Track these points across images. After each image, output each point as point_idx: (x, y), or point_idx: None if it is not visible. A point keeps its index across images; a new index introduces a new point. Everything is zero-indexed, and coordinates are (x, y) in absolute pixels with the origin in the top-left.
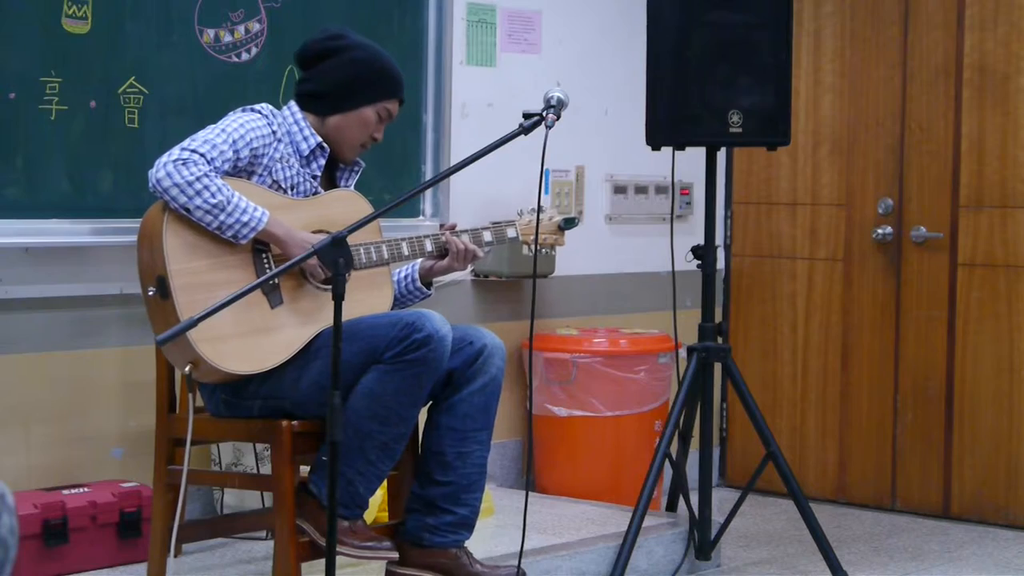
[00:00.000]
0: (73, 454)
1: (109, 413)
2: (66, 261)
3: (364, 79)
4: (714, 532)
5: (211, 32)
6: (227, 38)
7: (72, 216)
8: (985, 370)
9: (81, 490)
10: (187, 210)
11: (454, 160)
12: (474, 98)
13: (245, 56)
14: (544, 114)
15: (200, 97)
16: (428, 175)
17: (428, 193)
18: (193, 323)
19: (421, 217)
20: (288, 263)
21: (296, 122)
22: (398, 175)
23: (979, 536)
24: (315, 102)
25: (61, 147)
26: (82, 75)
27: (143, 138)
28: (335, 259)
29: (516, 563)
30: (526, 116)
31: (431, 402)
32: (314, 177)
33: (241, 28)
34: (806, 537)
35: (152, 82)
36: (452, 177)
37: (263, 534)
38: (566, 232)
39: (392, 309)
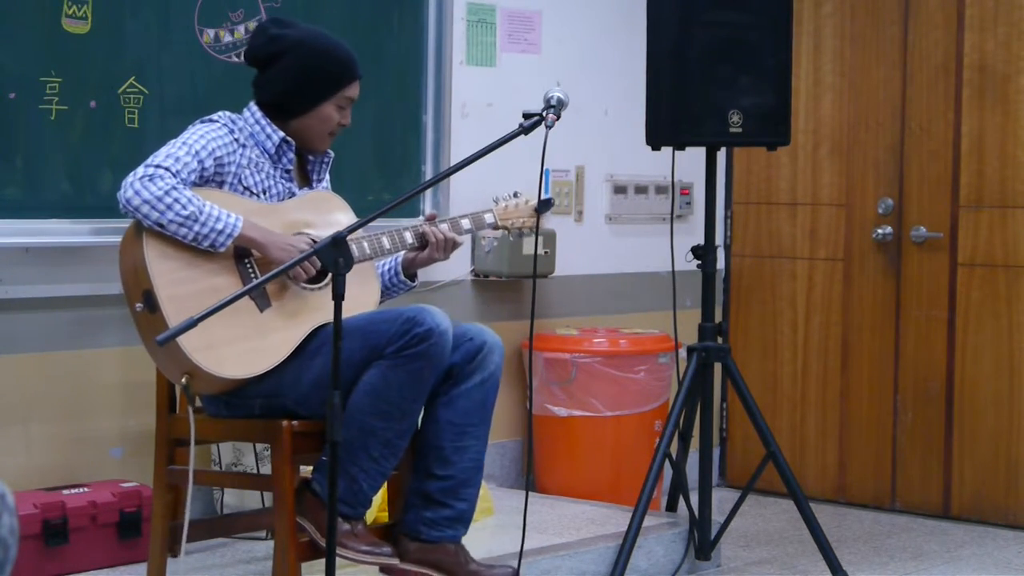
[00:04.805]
0: (73, 454)
1: (109, 413)
2: (66, 261)
3: (313, 79)
4: (714, 532)
5: (211, 32)
6: (227, 38)
7: (72, 216)
8: (985, 370)
9: (81, 490)
10: (160, 225)
11: (454, 160)
12: (474, 98)
13: None
14: (544, 114)
15: (200, 97)
16: (428, 175)
17: (428, 193)
18: (194, 322)
19: (420, 217)
20: (286, 264)
21: (257, 121)
22: (398, 175)
23: (979, 536)
24: (272, 109)
25: (61, 147)
26: (82, 75)
27: (143, 138)
28: (335, 259)
29: (513, 564)
30: (526, 116)
31: (430, 397)
32: (287, 171)
33: (241, 28)
34: (806, 537)
35: (152, 82)
36: (452, 177)
37: (263, 534)
38: (544, 215)
39: (380, 303)
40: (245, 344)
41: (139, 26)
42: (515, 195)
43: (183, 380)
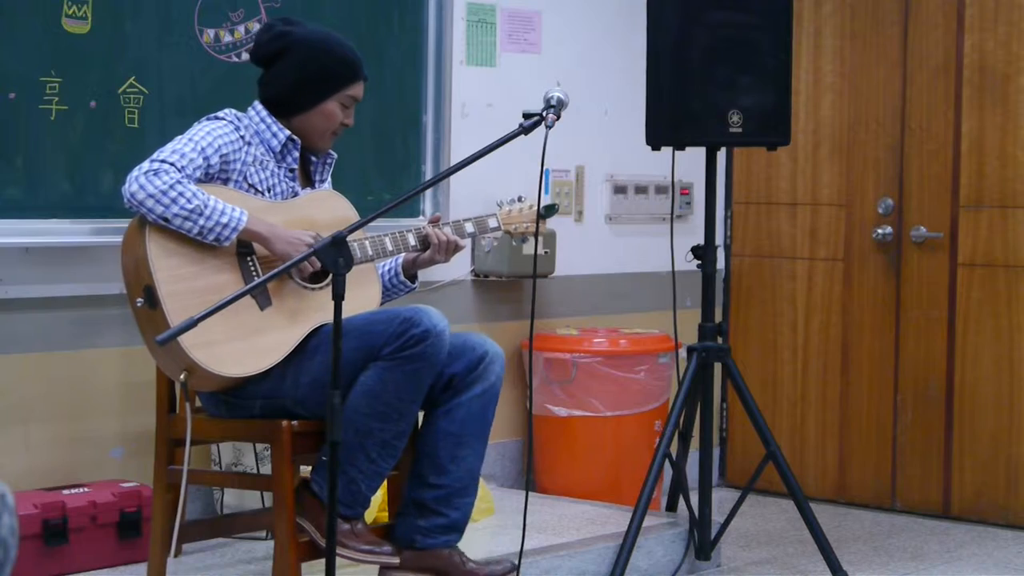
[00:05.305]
0: (73, 454)
1: (109, 413)
2: (66, 261)
3: (316, 76)
4: (714, 532)
5: (211, 32)
6: (227, 38)
7: (72, 216)
8: (985, 370)
9: (81, 490)
10: (165, 219)
11: (454, 160)
12: (474, 98)
13: (245, 56)
14: (544, 114)
15: (200, 97)
16: (428, 175)
17: (428, 193)
18: (194, 322)
19: (421, 217)
20: (287, 263)
21: (263, 120)
22: (398, 175)
23: (979, 536)
24: (276, 106)
25: (61, 147)
26: (82, 75)
27: (143, 138)
28: (335, 259)
29: (513, 560)
30: (526, 116)
31: (429, 406)
32: (291, 170)
33: (241, 28)
34: (806, 537)
35: (152, 82)
36: (452, 177)
37: (263, 534)
38: (548, 219)
39: (380, 304)
40: (244, 342)
41: (139, 26)
42: (519, 199)
43: (181, 377)
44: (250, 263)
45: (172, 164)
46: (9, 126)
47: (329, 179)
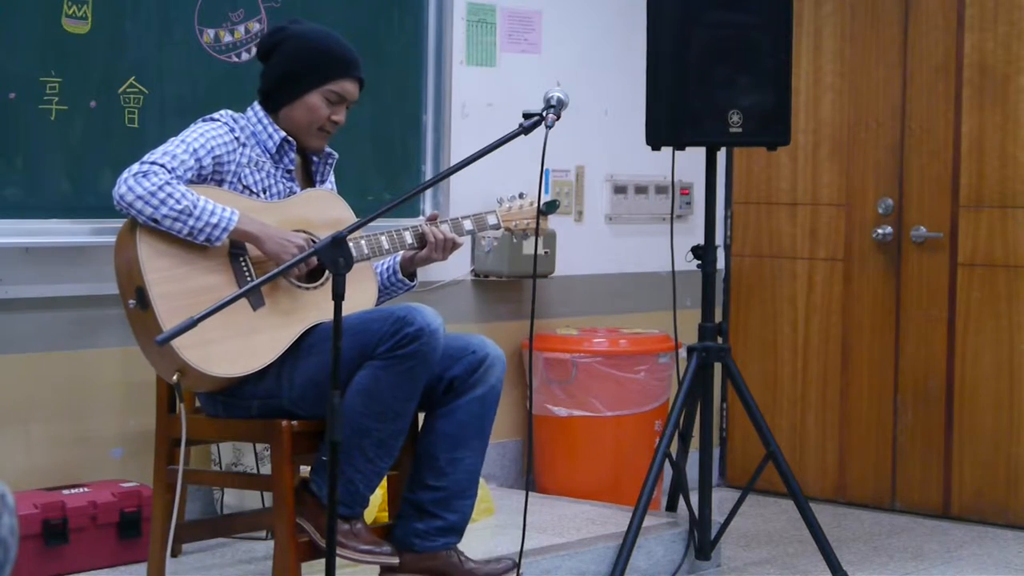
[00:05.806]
0: (73, 454)
1: (109, 413)
2: (66, 261)
3: (300, 68)
4: (714, 532)
5: (211, 32)
6: (227, 38)
7: (72, 216)
8: (985, 370)
9: (81, 490)
10: (155, 221)
11: (454, 160)
12: (474, 98)
13: (245, 56)
14: (544, 114)
15: (200, 97)
16: (428, 175)
17: (428, 193)
18: (194, 323)
19: (421, 217)
20: (286, 264)
21: (259, 121)
22: (398, 175)
23: (979, 536)
24: (267, 100)
25: (61, 147)
26: (82, 75)
27: (143, 138)
28: (335, 259)
29: (512, 558)
30: (526, 116)
31: (429, 408)
32: (288, 171)
33: (241, 28)
34: (806, 537)
35: (152, 82)
36: (452, 177)
37: (263, 534)
38: (550, 216)
39: (377, 303)
40: (236, 342)
41: (139, 26)
42: (520, 196)
43: (174, 377)
44: (242, 263)
45: (162, 166)
46: (9, 126)
47: (332, 179)
